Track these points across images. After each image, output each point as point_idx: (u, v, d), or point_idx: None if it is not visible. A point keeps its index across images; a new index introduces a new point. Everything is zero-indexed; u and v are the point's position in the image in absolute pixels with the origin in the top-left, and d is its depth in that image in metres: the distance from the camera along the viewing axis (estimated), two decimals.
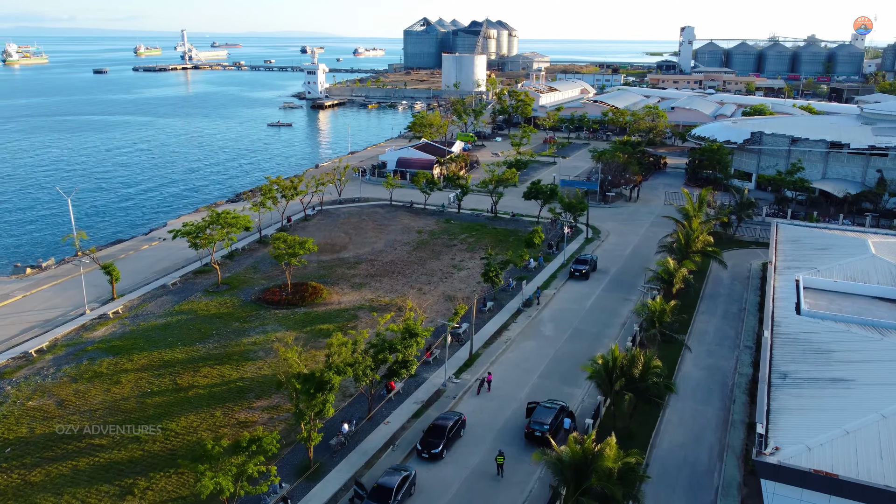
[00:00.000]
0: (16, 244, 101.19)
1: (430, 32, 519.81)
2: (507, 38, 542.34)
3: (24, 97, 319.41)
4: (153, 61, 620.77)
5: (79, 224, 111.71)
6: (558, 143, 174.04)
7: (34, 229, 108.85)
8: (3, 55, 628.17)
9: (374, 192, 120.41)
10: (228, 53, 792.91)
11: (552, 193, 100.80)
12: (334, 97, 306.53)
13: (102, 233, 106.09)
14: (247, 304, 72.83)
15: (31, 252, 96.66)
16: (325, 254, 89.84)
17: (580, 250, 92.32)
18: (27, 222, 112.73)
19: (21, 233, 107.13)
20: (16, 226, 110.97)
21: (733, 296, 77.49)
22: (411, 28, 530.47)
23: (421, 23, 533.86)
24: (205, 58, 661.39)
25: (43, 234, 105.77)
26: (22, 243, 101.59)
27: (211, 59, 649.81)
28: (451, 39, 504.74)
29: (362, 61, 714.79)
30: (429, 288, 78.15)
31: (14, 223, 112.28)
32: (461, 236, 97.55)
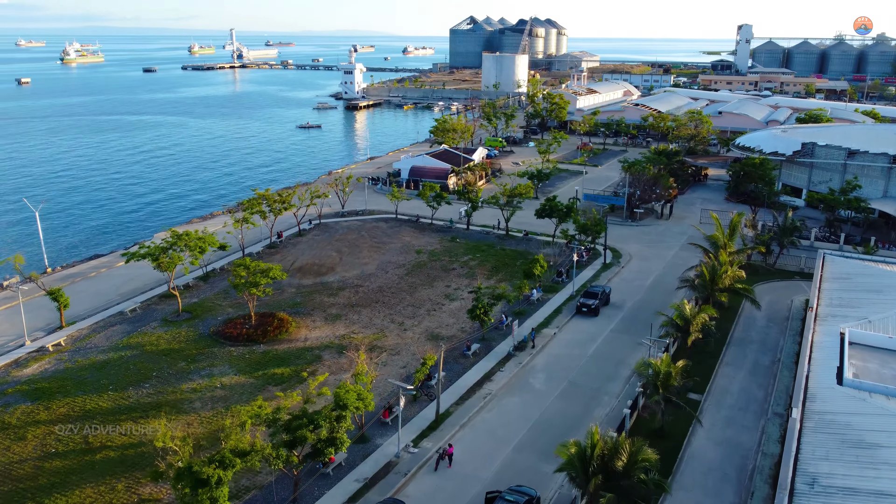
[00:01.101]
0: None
1: (476, 31, 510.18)
2: (555, 37, 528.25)
3: (66, 96, 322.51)
4: (206, 60, 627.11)
5: (70, 233, 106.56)
6: (592, 151, 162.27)
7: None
8: (62, 54, 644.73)
9: (382, 204, 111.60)
10: (279, 52, 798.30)
11: (568, 212, 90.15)
12: (371, 97, 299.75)
13: (88, 243, 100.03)
14: (202, 339, 64.70)
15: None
16: (309, 276, 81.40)
17: (594, 279, 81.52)
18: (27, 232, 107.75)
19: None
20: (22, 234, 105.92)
21: (767, 342, 65.73)
22: (457, 27, 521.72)
23: (467, 21, 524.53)
24: (254, 56, 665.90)
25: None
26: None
27: (259, 58, 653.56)
28: (498, 38, 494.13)
29: (411, 60, 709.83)
30: (412, 323, 68.74)
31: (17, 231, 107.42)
32: (463, 258, 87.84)
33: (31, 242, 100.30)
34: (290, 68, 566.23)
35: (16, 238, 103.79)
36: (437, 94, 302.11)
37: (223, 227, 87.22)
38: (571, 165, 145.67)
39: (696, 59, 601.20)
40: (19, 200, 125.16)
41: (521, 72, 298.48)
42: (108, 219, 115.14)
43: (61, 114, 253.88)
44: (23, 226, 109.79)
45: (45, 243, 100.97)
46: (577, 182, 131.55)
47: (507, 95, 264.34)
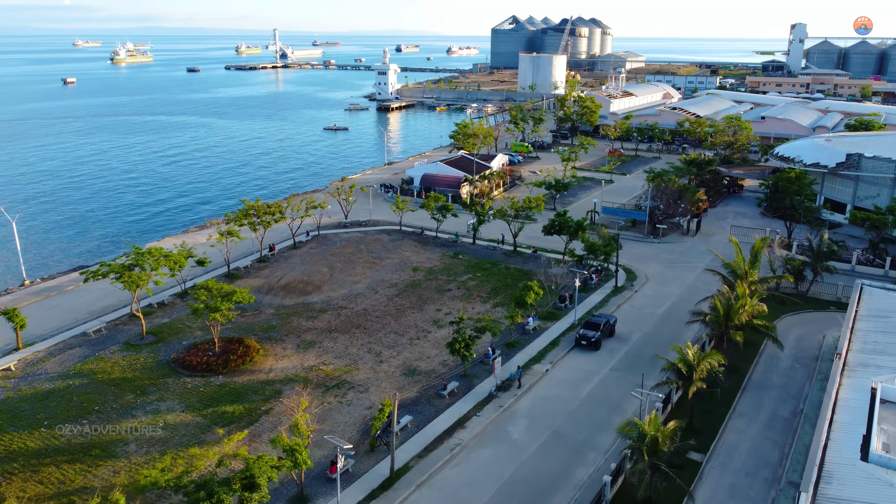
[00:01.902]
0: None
1: (518, 31, 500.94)
2: (599, 37, 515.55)
3: (106, 96, 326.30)
4: (252, 60, 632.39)
5: (63, 239, 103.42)
6: (622, 157, 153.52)
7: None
8: (112, 54, 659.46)
9: (389, 214, 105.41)
10: (323, 52, 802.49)
11: (578, 229, 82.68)
12: (405, 99, 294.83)
13: (80, 252, 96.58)
14: (159, 367, 59.60)
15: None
16: (292, 295, 75.88)
17: (601, 305, 73.96)
18: None
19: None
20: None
21: (790, 388, 57.40)
22: (499, 26, 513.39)
23: (510, 21, 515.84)
24: (298, 57, 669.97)
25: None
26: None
27: (303, 58, 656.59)
28: (540, 38, 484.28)
29: (454, 60, 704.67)
30: (390, 354, 62.46)
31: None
32: (462, 277, 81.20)
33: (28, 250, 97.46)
34: (331, 68, 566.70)
35: None
36: (471, 95, 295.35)
37: (207, 239, 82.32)
38: (598, 173, 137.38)
39: (748, 60, 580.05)
40: (25, 204, 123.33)
41: (559, 73, 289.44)
42: (109, 226, 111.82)
43: (96, 114, 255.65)
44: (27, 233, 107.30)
45: (44, 251, 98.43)
46: (602, 191, 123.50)
47: (542, 97, 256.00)
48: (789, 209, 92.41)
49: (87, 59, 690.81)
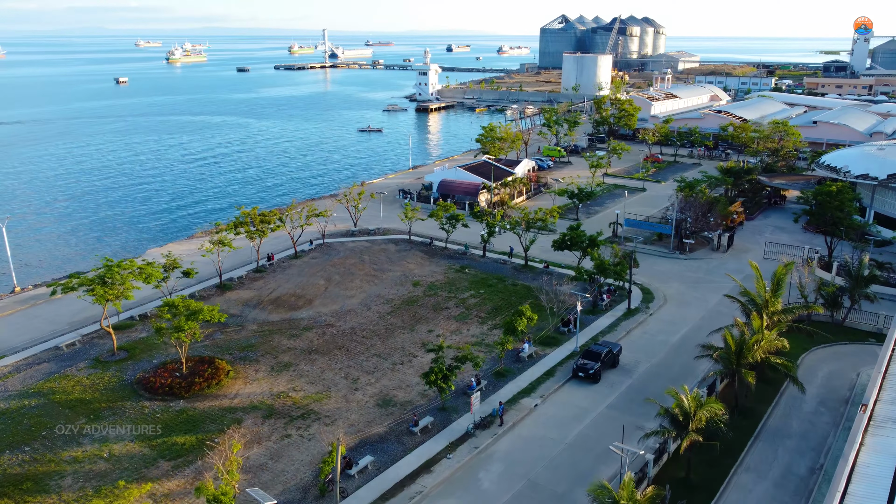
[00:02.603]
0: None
1: (567, 30, 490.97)
2: (652, 36, 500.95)
3: (153, 95, 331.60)
4: (305, 60, 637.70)
5: (72, 243, 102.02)
6: (659, 164, 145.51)
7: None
8: (168, 54, 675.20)
9: (400, 223, 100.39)
10: (374, 52, 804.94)
11: (591, 244, 76.39)
12: (445, 99, 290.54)
13: (83, 255, 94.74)
14: (122, 389, 56.16)
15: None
16: (280, 310, 71.86)
17: (609, 330, 67.65)
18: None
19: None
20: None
21: (811, 437, 50.30)
22: (548, 26, 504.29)
23: (559, 20, 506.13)
24: (348, 56, 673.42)
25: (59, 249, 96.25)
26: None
27: (351, 58, 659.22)
28: (590, 38, 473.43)
29: (504, 60, 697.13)
30: (367, 381, 57.68)
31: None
32: (464, 294, 75.90)
33: (40, 251, 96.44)
34: (378, 68, 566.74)
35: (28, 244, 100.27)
36: (513, 96, 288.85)
37: (199, 248, 78.98)
38: (630, 181, 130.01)
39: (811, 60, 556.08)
40: (49, 203, 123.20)
41: (604, 73, 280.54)
42: (123, 230, 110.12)
43: (138, 114, 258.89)
44: (36, 231, 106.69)
45: (49, 255, 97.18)
46: (632, 200, 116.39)
47: (584, 99, 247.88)
48: (831, 224, 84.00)
49: (146, 59, 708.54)
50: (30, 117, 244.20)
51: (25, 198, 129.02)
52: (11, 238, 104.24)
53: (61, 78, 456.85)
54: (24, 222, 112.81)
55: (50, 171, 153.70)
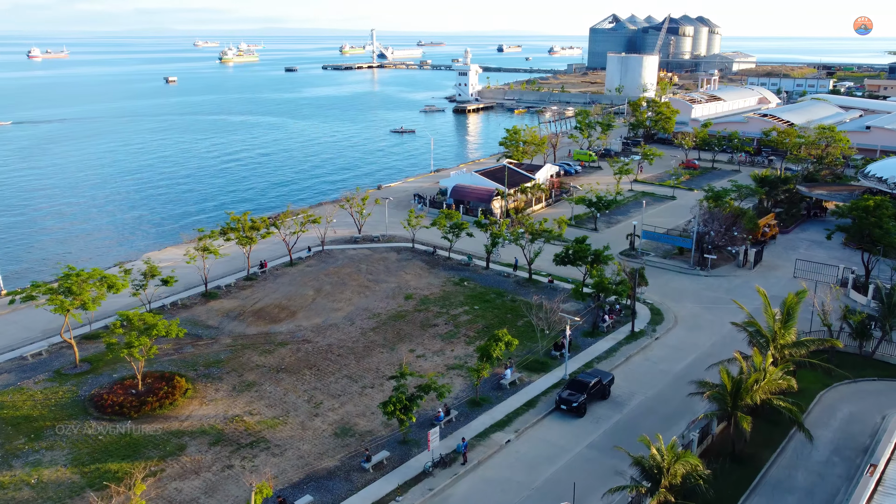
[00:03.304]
0: None
1: (618, 30, 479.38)
2: (706, 36, 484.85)
3: (199, 94, 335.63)
4: (355, 60, 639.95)
5: (89, 242, 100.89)
6: (695, 170, 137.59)
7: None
8: (221, 54, 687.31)
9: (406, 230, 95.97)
10: (424, 52, 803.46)
11: (596, 259, 70.56)
12: (485, 100, 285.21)
13: (89, 255, 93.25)
14: (73, 405, 53.24)
15: None
16: (260, 323, 68.30)
17: (608, 355, 61.88)
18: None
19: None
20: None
21: (818, 492, 43.75)
22: (598, 25, 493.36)
23: (609, 20, 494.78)
24: (397, 57, 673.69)
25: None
26: None
27: (400, 59, 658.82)
28: (641, 38, 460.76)
29: (555, 60, 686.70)
30: (331, 406, 53.44)
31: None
32: (457, 310, 71.02)
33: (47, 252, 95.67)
34: (425, 68, 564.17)
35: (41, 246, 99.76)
36: (554, 97, 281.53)
37: (185, 253, 76.02)
38: (661, 188, 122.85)
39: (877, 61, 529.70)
40: (69, 202, 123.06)
41: (649, 74, 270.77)
42: (134, 228, 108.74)
43: (177, 113, 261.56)
44: (56, 233, 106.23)
45: (51, 255, 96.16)
46: (659, 209, 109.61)
47: (625, 101, 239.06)
48: (869, 241, 76.04)
49: (201, 59, 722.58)
50: (74, 115, 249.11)
51: (48, 196, 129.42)
52: (19, 237, 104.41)
53: (114, 77, 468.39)
54: (37, 224, 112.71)
55: (77, 170, 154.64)
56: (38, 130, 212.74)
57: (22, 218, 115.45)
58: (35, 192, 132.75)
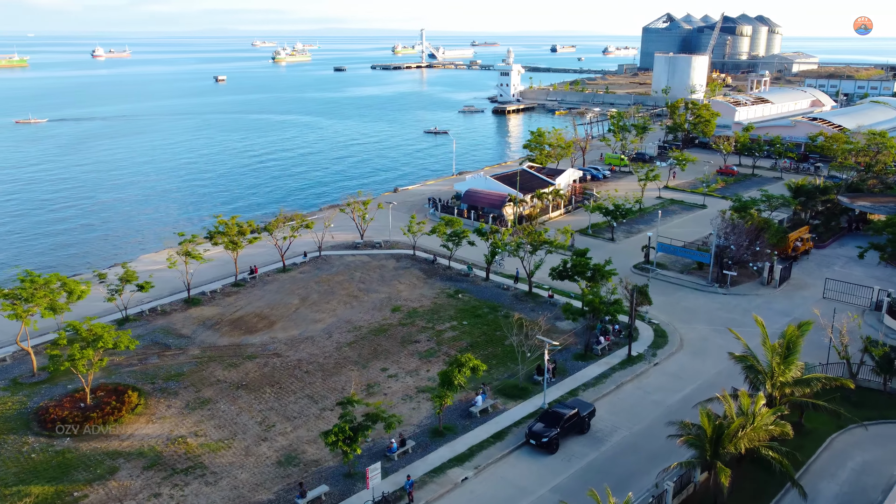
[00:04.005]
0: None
1: (672, 30, 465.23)
2: (765, 36, 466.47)
3: (244, 93, 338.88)
4: (407, 60, 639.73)
5: (89, 241, 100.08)
6: (733, 177, 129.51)
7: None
8: (274, 54, 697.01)
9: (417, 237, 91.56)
10: (476, 53, 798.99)
11: (596, 274, 65.03)
12: (527, 101, 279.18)
13: (95, 254, 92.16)
14: (17, 419, 50.81)
15: None
16: (235, 333, 65.12)
17: (598, 381, 56.33)
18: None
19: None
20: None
21: None
22: (651, 25, 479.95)
23: (663, 19, 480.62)
24: (448, 57, 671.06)
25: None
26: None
27: (451, 59, 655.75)
28: (696, 37, 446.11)
29: (608, 60, 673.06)
30: (285, 428, 49.63)
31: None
32: (444, 325, 66.48)
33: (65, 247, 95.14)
34: (474, 68, 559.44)
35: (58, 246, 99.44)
36: (597, 98, 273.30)
37: (167, 257, 73.39)
38: (692, 195, 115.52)
39: None
40: (90, 199, 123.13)
41: (698, 75, 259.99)
42: (144, 228, 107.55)
43: (216, 111, 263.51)
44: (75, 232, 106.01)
45: (55, 251, 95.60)
46: (685, 219, 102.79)
47: (667, 103, 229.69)
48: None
49: (256, 59, 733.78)
50: (116, 113, 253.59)
51: (72, 194, 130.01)
52: (29, 235, 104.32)
53: (167, 76, 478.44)
54: (57, 223, 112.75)
55: (107, 168, 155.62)
56: (73, 128, 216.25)
57: (42, 218, 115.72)
58: (58, 191, 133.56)
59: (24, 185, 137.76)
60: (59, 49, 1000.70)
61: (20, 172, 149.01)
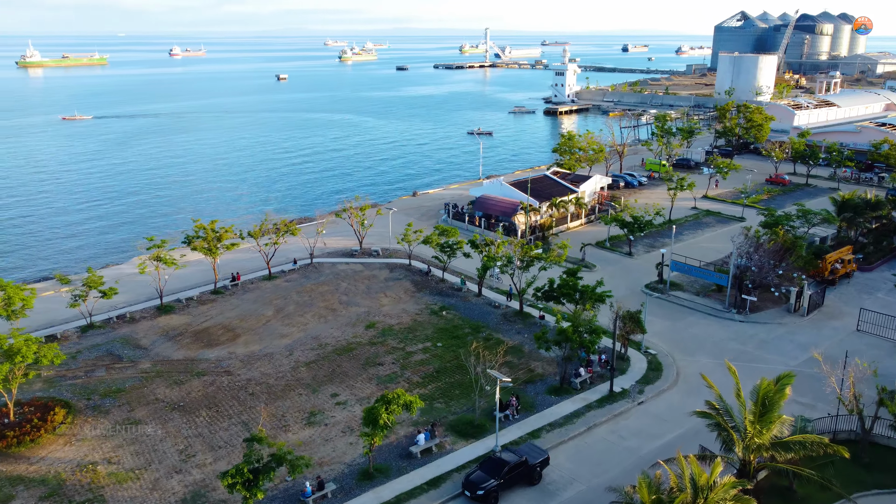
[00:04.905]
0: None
1: (746, 28, 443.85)
2: (847, 35, 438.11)
3: (301, 92, 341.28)
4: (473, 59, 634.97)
5: (99, 240, 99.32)
6: (784, 186, 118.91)
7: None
8: (340, 53, 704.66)
9: (417, 246, 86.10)
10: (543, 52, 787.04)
11: (584, 296, 58.34)
12: (582, 101, 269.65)
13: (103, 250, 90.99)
14: None
15: None
16: (195, 346, 61.49)
17: (568, 421, 49.75)
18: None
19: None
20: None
21: None
22: (724, 23, 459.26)
23: (737, 17, 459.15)
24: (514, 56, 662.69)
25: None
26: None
27: (516, 58, 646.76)
28: (771, 36, 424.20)
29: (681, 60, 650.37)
30: (205, 459, 45.30)
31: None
32: (417, 346, 61.08)
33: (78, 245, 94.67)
34: (538, 68, 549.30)
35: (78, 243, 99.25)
36: (656, 100, 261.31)
37: (141, 262, 70.46)
38: (732, 207, 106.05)
39: None
40: (113, 196, 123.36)
41: (766, 76, 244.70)
42: (155, 227, 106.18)
43: (272, 109, 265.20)
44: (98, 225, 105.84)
45: (59, 250, 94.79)
46: (718, 233, 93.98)
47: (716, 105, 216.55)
48: None
49: (325, 57, 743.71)
50: (171, 110, 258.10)
51: (94, 192, 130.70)
52: (40, 230, 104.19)
53: (235, 74, 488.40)
54: (75, 223, 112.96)
55: (140, 167, 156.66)
56: (117, 125, 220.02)
57: (64, 217, 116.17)
58: (83, 188, 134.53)
59: (53, 181, 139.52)
60: (142, 48, 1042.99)
61: (58, 167, 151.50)
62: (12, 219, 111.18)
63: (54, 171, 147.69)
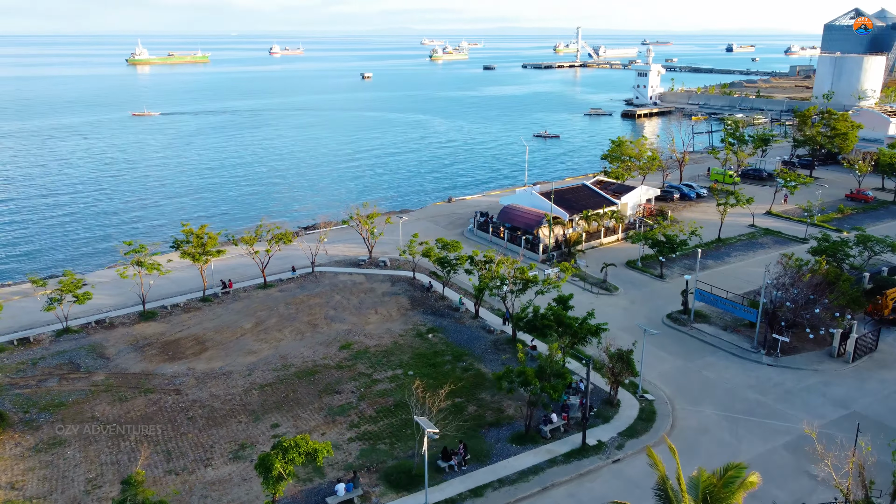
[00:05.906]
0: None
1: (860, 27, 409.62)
2: None
3: (380, 90, 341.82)
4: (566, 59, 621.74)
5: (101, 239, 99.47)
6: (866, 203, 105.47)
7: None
8: (431, 52, 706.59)
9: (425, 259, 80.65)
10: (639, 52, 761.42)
11: (568, 330, 51.12)
12: (666, 104, 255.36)
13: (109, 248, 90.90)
14: None
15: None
16: (158, 359, 58.50)
17: (522, 478, 42.93)
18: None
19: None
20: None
21: None
22: (836, 21, 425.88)
23: (850, 15, 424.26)
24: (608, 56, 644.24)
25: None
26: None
27: (608, 58, 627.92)
28: (889, 36, 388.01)
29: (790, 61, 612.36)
30: (108, 492, 41.63)
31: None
32: (386, 373, 55.65)
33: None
34: (629, 69, 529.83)
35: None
36: (745, 103, 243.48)
37: (117, 270, 68.07)
38: (797, 225, 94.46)
39: None
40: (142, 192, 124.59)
41: (872, 79, 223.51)
42: None
43: (346, 108, 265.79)
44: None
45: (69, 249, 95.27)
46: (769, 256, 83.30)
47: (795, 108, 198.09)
48: None
49: (417, 56, 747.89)
50: (247, 107, 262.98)
51: (139, 187, 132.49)
52: (57, 225, 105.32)
53: (325, 72, 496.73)
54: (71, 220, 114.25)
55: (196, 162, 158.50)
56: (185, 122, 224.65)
57: (98, 210, 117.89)
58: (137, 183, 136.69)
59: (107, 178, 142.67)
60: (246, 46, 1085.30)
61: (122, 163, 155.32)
62: (53, 214, 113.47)
63: (105, 168, 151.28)
